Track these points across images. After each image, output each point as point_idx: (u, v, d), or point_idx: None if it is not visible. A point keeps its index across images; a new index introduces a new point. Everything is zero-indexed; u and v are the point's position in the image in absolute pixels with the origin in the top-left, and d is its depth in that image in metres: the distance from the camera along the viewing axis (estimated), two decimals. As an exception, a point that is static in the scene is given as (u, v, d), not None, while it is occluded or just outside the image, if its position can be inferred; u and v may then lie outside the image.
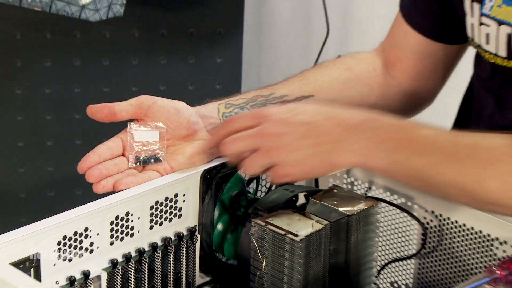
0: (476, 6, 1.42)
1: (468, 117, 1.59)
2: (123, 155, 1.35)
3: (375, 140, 1.20)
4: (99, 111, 1.35)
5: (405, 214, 1.43)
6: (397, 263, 1.47)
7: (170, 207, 1.34)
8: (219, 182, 1.37)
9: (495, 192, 1.18)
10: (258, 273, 1.30)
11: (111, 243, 1.28)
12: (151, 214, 1.32)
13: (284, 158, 1.20)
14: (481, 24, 1.42)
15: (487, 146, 1.20)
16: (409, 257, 1.44)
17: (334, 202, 1.34)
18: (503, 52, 1.40)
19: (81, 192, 1.32)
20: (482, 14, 1.41)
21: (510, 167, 1.18)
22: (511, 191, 1.18)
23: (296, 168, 1.21)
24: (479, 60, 1.49)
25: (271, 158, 1.21)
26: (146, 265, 1.33)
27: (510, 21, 1.37)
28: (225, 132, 1.26)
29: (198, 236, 1.39)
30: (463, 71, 1.59)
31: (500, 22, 1.38)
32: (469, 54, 1.54)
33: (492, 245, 1.34)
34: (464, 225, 1.37)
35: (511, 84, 1.44)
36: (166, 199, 1.34)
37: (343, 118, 1.22)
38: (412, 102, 1.59)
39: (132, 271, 1.31)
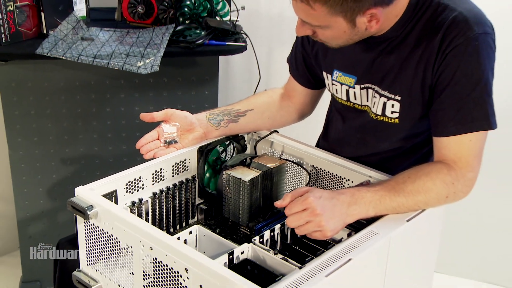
0: (329, 76, 1.41)
1: (329, 126, 1.55)
2: (158, 139, 1.35)
3: (364, 206, 1.14)
4: (146, 116, 1.36)
5: (300, 167, 1.43)
6: (296, 191, 1.46)
7: (182, 165, 1.36)
8: (206, 152, 1.39)
9: (431, 204, 1.18)
10: (226, 198, 1.31)
11: (153, 183, 1.31)
12: (173, 169, 1.34)
13: (325, 225, 1.09)
14: (332, 84, 1.41)
15: (421, 184, 1.16)
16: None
17: (264, 161, 1.35)
18: (344, 98, 1.40)
19: (139, 159, 1.31)
20: (332, 79, 1.40)
21: (434, 191, 1.17)
22: (438, 200, 1.18)
23: (330, 232, 1.10)
24: (334, 99, 1.48)
25: (318, 226, 1.09)
26: (171, 195, 1.34)
27: (346, 83, 1.37)
28: (291, 211, 1.12)
29: (197, 180, 1.39)
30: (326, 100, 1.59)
31: (342, 84, 1.39)
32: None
33: (342, 182, 1.36)
34: (329, 172, 1.39)
35: (349, 112, 1.42)
36: (180, 161, 1.36)
37: (344, 199, 1.13)
38: (301, 114, 1.55)
39: (164, 197, 1.33)
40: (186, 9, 2.07)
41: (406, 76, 1.25)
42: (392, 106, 1.29)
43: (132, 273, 1.09)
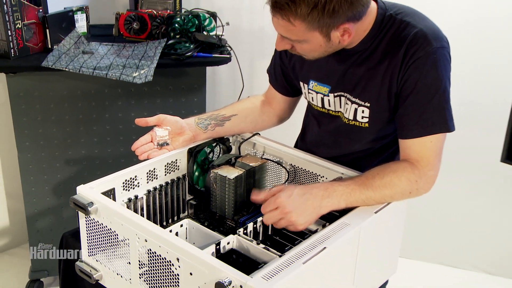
0: (305, 85, 1.39)
1: (306, 129, 1.52)
2: (151, 142, 1.33)
3: (336, 198, 1.13)
4: (140, 121, 1.33)
5: (279, 166, 1.41)
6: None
7: (174, 165, 1.34)
8: (195, 153, 1.37)
9: (396, 198, 1.17)
10: (214, 194, 1.29)
11: (147, 182, 1.29)
12: (165, 168, 1.32)
13: (296, 221, 1.10)
14: (309, 93, 1.40)
15: (388, 180, 1.16)
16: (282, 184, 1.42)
17: (247, 161, 1.34)
18: (320, 105, 1.39)
19: (135, 159, 1.29)
20: (309, 89, 1.39)
21: (400, 186, 1.16)
22: (403, 195, 1.17)
23: (301, 225, 1.10)
24: (310, 106, 1.47)
25: (289, 222, 1.10)
26: (163, 192, 1.32)
27: (321, 92, 1.36)
28: (265, 210, 1.13)
29: (187, 178, 1.37)
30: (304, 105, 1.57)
31: (317, 92, 1.38)
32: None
33: (317, 178, 1.35)
34: (305, 169, 1.38)
35: (323, 117, 1.40)
36: (172, 161, 1.33)
37: (317, 193, 1.12)
38: (280, 119, 1.54)
39: (157, 195, 1.31)
40: (176, 25, 2.06)
41: (374, 85, 1.25)
42: (363, 112, 1.29)
43: (129, 263, 1.07)
